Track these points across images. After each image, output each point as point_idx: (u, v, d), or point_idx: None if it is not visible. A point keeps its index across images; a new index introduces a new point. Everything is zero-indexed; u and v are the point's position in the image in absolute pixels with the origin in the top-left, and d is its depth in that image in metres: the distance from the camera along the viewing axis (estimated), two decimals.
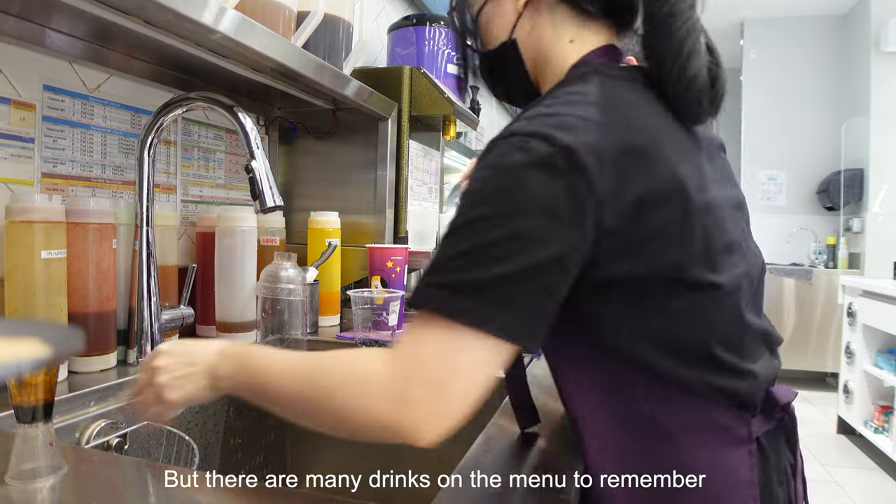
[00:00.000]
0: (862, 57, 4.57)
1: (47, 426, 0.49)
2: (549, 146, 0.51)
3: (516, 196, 0.51)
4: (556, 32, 0.65)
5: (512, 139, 0.53)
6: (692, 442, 0.57)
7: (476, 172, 0.54)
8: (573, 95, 0.57)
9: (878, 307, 3.13)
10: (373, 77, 1.43)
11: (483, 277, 0.49)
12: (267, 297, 1.03)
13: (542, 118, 0.54)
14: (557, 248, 0.51)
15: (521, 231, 0.50)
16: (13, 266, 0.76)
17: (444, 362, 0.50)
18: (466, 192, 0.53)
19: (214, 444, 1.00)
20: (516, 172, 0.51)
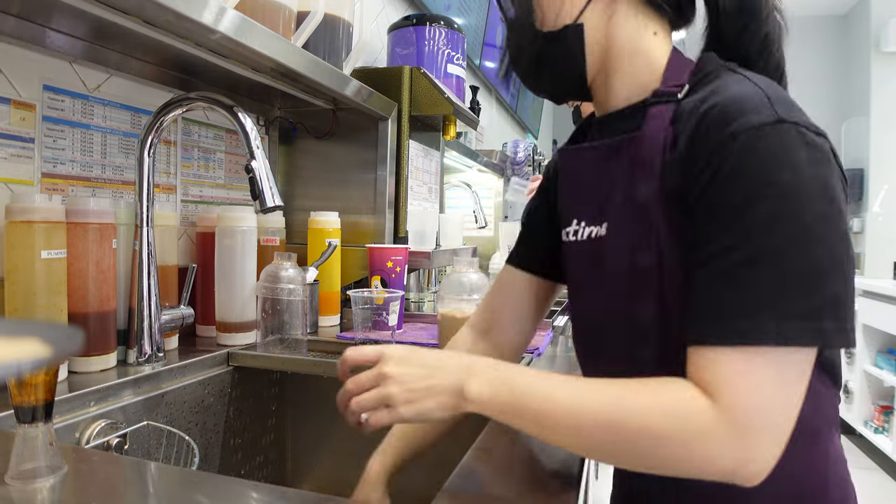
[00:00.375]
0: (862, 57, 4.57)
1: (47, 426, 0.49)
2: (823, 139, 0.50)
3: (831, 199, 0.48)
4: (640, 23, 0.61)
5: (784, 126, 0.48)
6: (831, 433, 0.58)
7: (748, 174, 0.48)
8: (761, 80, 0.53)
9: (878, 307, 3.13)
10: (373, 77, 1.43)
11: (835, 293, 0.46)
12: (267, 297, 1.03)
13: (785, 103, 0.50)
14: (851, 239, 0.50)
15: (844, 234, 0.48)
16: (13, 266, 0.76)
17: (783, 401, 0.47)
18: (756, 197, 0.47)
19: (214, 444, 1.00)
20: (817, 172, 0.48)
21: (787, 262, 0.46)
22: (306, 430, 1.16)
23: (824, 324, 0.46)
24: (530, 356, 1.03)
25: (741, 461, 0.46)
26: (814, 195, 0.47)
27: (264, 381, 1.12)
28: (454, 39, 1.67)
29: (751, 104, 0.50)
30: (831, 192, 0.48)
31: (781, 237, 0.46)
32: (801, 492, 0.56)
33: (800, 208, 0.47)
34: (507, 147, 3.28)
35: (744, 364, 0.46)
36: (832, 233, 0.47)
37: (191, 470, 0.77)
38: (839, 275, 0.47)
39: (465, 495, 0.51)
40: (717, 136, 0.50)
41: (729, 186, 0.49)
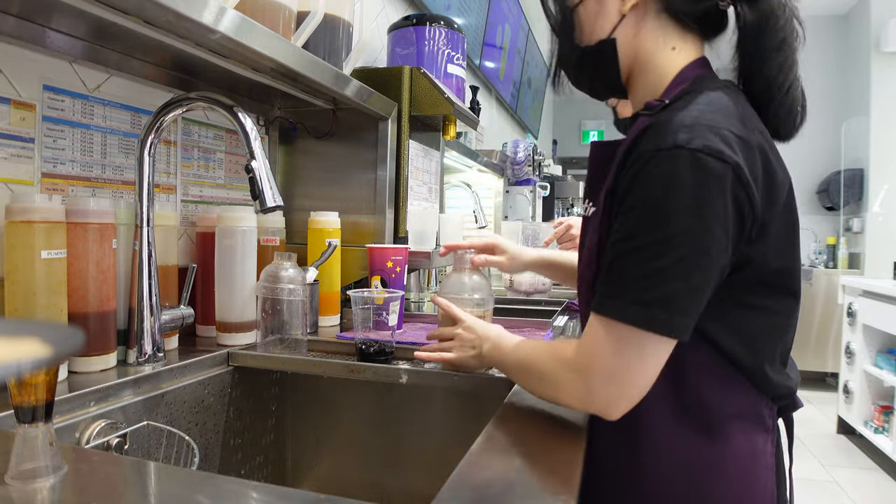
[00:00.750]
0: (862, 57, 4.57)
1: (47, 426, 0.49)
2: (722, 164, 0.58)
3: (701, 216, 0.58)
4: (660, 39, 0.70)
5: (680, 152, 0.58)
6: (735, 428, 0.68)
7: (643, 186, 0.60)
8: (712, 105, 0.63)
9: (878, 307, 3.13)
10: (373, 77, 1.43)
11: (673, 292, 0.59)
12: (267, 297, 1.03)
13: (700, 129, 0.59)
14: (724, 260, 0.61)
15: (705, 248, 0.58)
16: (13, 266, 0.76)
17: (619, 362, 0.61)
18: (641, 206, 0.60)
19: (214, 444, 1.00)
20: (697, 193, 0.58)
21: (644, 261, 0.59)
22: (306, 430, 1.16)
23: (653, 311, 0.59)
24: None
25: (584, 395, 0.64)
26: (683, 212, 0.58)
27: (264, 381, 1.12)
28: (454, 39, 1.67)
29: (665, 130, 0.61)
30: (704, 211, 0.58)
31: (646, 241, 0.59)
32: (689, 475, 0.67)
33: (666, 221, 0.58)
34: (507, 147, 3.28)
35: (599, 328, 0.63)
36: (691, 244, 0.58)
37: (191, 470, 0.77)
38: (681, 277, 0.58)
39: (465, 495, 0.51)
40: (634, 153, 0.62)
41: (627, 195, 0.62)
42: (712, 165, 0.58)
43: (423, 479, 1.09)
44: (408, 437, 1.10)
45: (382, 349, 1.02)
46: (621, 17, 0.69)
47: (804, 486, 2.88)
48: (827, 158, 4.83)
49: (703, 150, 0.58)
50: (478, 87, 2.58)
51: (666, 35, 0.70)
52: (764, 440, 0.69)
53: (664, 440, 0.69)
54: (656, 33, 0.70)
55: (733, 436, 0.68)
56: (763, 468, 0.69)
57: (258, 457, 1.10)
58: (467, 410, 1.05)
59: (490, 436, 0.65)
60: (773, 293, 0.67)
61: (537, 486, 0.54)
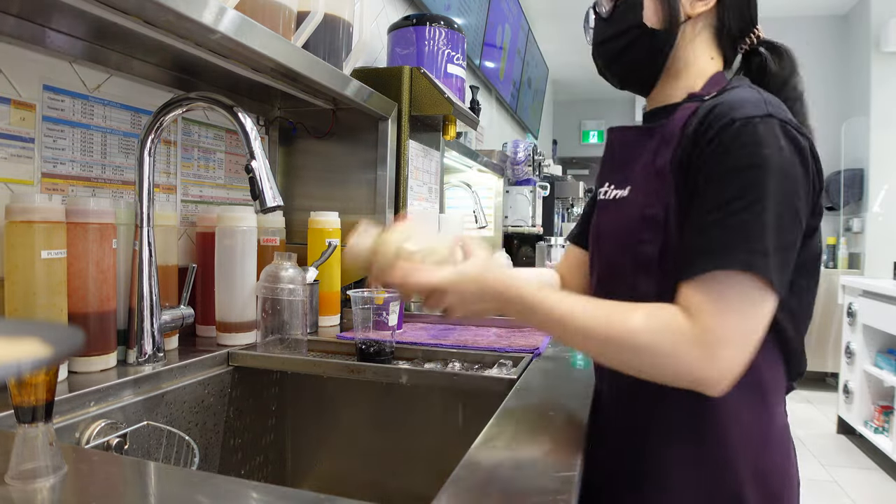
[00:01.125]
0: (862, 57, 4.57)
1: (47, 426, 0.49)
2: (804, 138, 0.65)
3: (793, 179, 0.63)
4: (706, 47, 0.79)
5: (772, 121, 0.64)
6: (775, 401, 0.72)
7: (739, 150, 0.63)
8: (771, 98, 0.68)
9: (878, 307, 3.13)
10: (373, 77, 1.43)
11: (776, 247, 0.61)
12: (267, 297, 1.03)
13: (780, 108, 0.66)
14: (802, 229, 0.65)
15: (797, 210, 0.63)
16: (13, 266, 0.76)
17: (744, 325, 0.60)
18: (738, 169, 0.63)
19: (214, 444, 1.00)
20: (790, 158, 0.63)
21: (749, 218, 0.61)
22: (306, 430, 1.16)
23: (769, 261, 0.60)
24: (530, 356, 1.03)
25: (702, 367, 0.60)
26: (778, 173, 0.62)
27: (264, 381, 1.12)
28: (454, 39, 1.67)
29: (749, 103, 0.66)
30: (795, 174, 0.63)
31: (747, 200, 0.61)
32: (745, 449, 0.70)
33: (766, 180, 0.61)
34: (507, 147, 3.28)
35: (712, 287, 0.61)
36: (787, 204, 0.62)
37: (191, 470, 0.77)
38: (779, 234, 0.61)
39: (465, 495, 0.51)
40: (719, 122, 0.65)
41: (719, 159, 0.64)
42: (798, 137, 0.64)
43: (423, 479, 1.09)
44: (408, 437, 1.10)
45: (382, 349, 1.02)
46: (686, 18, 0.77)
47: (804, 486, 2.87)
48: (827, 158, 4.79)
49: (790, 122, 0.65)
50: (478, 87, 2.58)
51: (709, 45, 0.79)
52: (786, 415, 0.75)
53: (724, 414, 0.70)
54: (705, 44, 0.79)
55: (775, 410, 0.72)
56: (790, 440, 0.75)
57: (258, 457, 1.10)
58: (467, 410, 1.05)
59: (490, 436, 0.65)
60: (812, 275, 0.72)
61: (537, 485, 0.54)
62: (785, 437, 0.74)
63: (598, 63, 0.85)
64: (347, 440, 1.14)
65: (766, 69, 0.78)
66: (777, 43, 0.79)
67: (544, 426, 0.70)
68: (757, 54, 0.80)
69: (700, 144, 0.66)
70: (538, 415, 0.74)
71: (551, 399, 0.80)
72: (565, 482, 0.55)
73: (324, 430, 1.15)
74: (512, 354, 1.04)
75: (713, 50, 0.79)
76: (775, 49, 0.79)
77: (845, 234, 4.74)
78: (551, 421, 0.72)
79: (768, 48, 0.79)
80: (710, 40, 0.79)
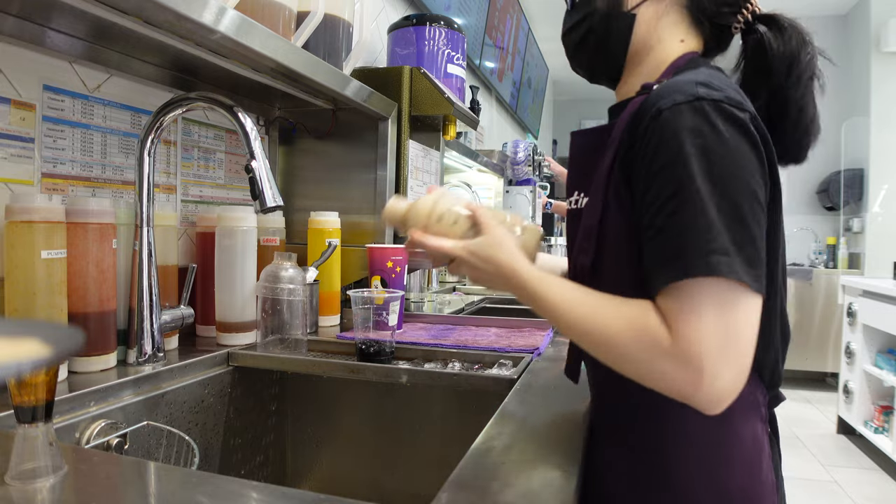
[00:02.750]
0: (862, 57, 4.57)
1: (47, 426, 0.49)
2: (744, 112, 0.58)
3: (742, 161, 0.57)
4: (674, 29, 0.71)
5: (703, 104, 0.57)
6: (737, 413, 0.63)
7: (671, 141, 0.57)
8: (714, 74, 0.63)
9: (878, 307, 3.13)
10: (373, 77, 1.43)
11: (741, 239, 0.54)
12: (267, 297, 1.03)
13: (715, 84, 0.59)
14: (763, 203, 0.58)
15: (754, 192, 0.56)
16: (13, 266, 0.76)
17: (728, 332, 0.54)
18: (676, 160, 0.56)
19: (214, 444, 1.00)
20: (732, 139, 0.57)
21: (700, 212, 0.55)
22: (306, 430, 1.16)
23: (733, 260, 0.54)
24: (530, 356, 1.03)
25: (694, 385, 0.54)
26: (724, 156, 0.56)
27: (264, 381, 1.12)
28: (454, 39, 1.67)
29: (678, 87, 0.59)
30: (737, 156, 0.57)
31: (683, 198, 0.55)
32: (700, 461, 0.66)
33: (702, 171, 0.55)
34: (507, 147, 3.28)
35: (684, 298, 0.55)
36: (743, 189, 0.56)
37: (191, 470, 0.77)
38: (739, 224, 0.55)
39: (465, 495, 0.51)
40: (647, 115, 0.60)
41: (654, 157, 0.58)
42: (738, 114, 0.58)
43: (423, 479, 1.09)
44: (408, 437, 1.10)
45: (382, 349, 1.02)
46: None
47: (804, 486, 2.88)
48: (827, 158, 4.83)
49: (726, 100, 0.58)
50: (478, 87, 2.58)
51: (679, 26, 0.71)
52: (762, 430, 0.68)
53: (675, 426, 0.66)
54: (674, 26, 0.71)
55: (736, 421, 0.66)
56: (766, 457, 0.68)
57: (258, 457, 1.10)
58: (467, 410, 1.05)
59: (490, 435, 0.65)
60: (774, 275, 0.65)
61: (537, 485, 0.54)
62: (754, 458, 0.67)
63: (566, 54, 0.80)
64: (347, 440, 1.14)
65: (765, 49, 0.68)
66: (777, 15, 0.70)
67: (544, 426, 0.70)
68: (753, 32, 0.70)
69: (634, 143, 0.61)
70: (538, 415, 0.74)
71: (551, 399, 0.80)
72: (565, 482, 0.55)
73: (324, 430, 1.15)
74: (512, 354, 1.04)
75: (685, 32, 0.71)
76: (774, 23, 0.69)
77: (845, 234, 4.74)
78: (551, 421, 0.72)
79: (766, 23, 0.69)
80: (679, 21, 0.71)
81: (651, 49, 0.71)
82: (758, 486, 0.67)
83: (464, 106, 1.63)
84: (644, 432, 0.69)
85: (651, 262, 0.58)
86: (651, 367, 0.56)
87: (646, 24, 0.71)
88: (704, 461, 0.66)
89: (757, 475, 0.67)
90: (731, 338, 0.54)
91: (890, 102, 4.39)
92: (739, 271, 0.53)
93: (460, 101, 1.64)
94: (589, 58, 0.76)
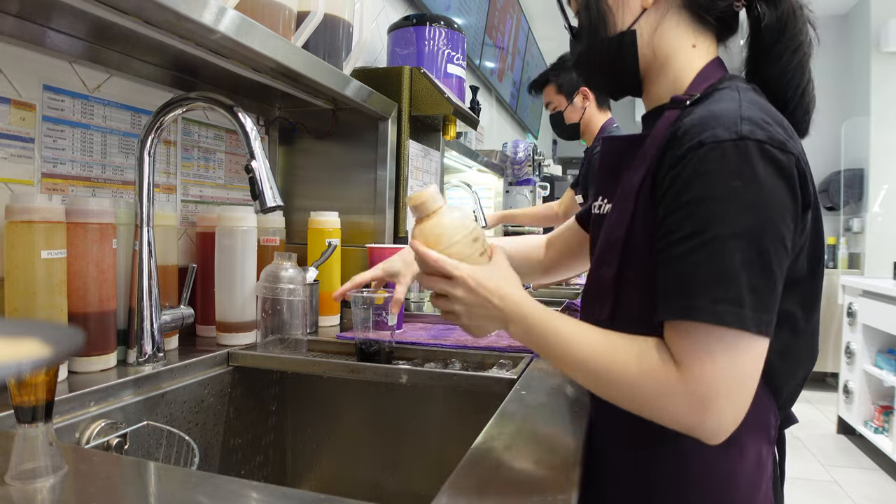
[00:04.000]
0: (862, 57, 4.57)
1: (47, 426, 0.49)
2: (787, 155, 0.57)
3: (774, 207, 0.56)
4: (681, 36, 0.70)
5: (747, 143, 0.56)
6: (746, 435, 0.64)
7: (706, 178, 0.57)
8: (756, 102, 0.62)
9: (878, 307, 3.13)
10: (373, 77, 1.43)
11: (759, 287, 0.55)
12: (267, 297, 1.03)
13: (760, 121, 0.58)
14: (789, 248, 0.58)
15: (782, 238, 0.57)
16: (13, 266, 0.76)
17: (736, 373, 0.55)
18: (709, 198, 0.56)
19: (214, 444, 1.00)
20: (770, 182, 0.56)
21: (722, 255, 0.55)
22: (306, 430, 1.16)
23: (744, 311, 0.54)
24: (530, 356, 1.03)
25: (698, 420, 0.56)
26: (758, 203, 0.56)
27: (264, 381, 1.12)
28: (454, 39, 1.67)
29: (721, 121, 0.58)
30: (777, 201, 0.56)
31: (721, 234, 0.55)
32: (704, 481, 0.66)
33: (742, 213, 0.55)
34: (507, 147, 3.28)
35: (693, 338, 0.56)
36: (770, 235, 0.56)
37: (191, 470, 0.77)
38: (763, 271, 0.56)
39: (465, 495, 0.51)
40: (686, 143, 0.59)
41: (685, 187, 0.58)
42: (780, 157, 0.57)
43: (423, 479, 1.09)
44: (408, 437, 1.10)
45: (382, 349, 1.02)
46: (643, 11, 0.70)
47: (804, 486, 2.88)
48: (827, 158, 4.83)
49: (769, 141, 0.57)
50: (478, 87, 2.58)
51: (686, 31, 0.70)
52: (767, 451, 0.68)
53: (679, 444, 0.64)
54: (677, 30, 0.70)
55: (745, 443, 0.66)
56: (766, 478, 0.69)
57: (258, 457, 1.10)
58: (467, 410, 1.05)
59: (490, 436, 0.65)
60: (809, 308, 0.66)
61: (537, 485, 0.54)
62: (756, 479, 0.67)
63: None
64: (347, 440, 1.14)
65: (759, 20, 0.68)
66: None
67: (544, 426, 0.70)
68: (750, 7, 0.69)
69: (666, 167, 0.61)
70: (538, 415, 0.74)
71: (551, 399, 0.80)
72: (565, 482, 0.55)
73: (324, 430, 1.15)
74: (512, 354, 1.04)
75: (692, 34, 0.70)
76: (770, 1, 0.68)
77: (845, 234, 4.74)
78: (551, 421, 0.72)
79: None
80: (682, 24, 0.70)
81: (666, 58, 0.71)
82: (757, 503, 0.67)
83: (464, 106, 1.63)
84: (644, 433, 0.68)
85: (661, 287, 0.60)
86: (658, 402, 0.57)
87: (648, 37, 0.70)
88: (706, 475, 0.66)
89: (755, 494, 0.67)
90: (738, 380, 0.56)
91: (890, 102, 4.39)
92: (748, 320, 0.54)
93: (460, 101, 1.64)
94: (605, 81, 0.78)
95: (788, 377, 0.67)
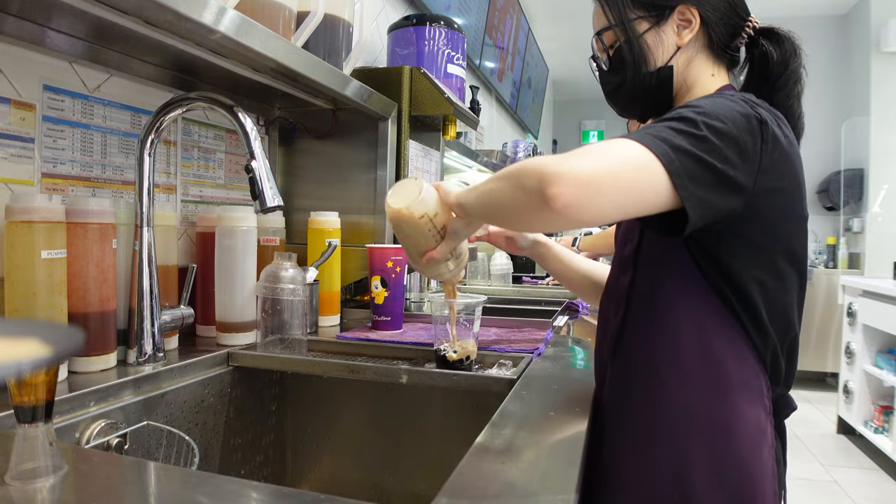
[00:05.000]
0: (862, 57, 4.57)
1: (47, 426, 0.49)
2: (752, 110, 0.69)
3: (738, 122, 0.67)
4: (704, 67, 0.84)
5: (732, 93, 0.74)
6: (742, 395, 0.72)
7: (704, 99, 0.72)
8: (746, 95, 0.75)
9: (878, 307, 3.13)
10: (373, 77, 1.43)
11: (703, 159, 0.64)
12: (267, 297, 1.03)
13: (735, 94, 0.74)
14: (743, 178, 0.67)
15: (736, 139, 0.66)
16: (13, 266, 0.76)
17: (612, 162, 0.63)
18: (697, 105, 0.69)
19: (214, 444, 1.00)
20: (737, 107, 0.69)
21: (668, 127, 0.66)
22: (306, 430, 1.16)
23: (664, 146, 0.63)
24: (530, 356, 1.03)
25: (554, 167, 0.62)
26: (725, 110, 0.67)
27: (264, 381, 1.12)
28: (454, 39, 1.67)
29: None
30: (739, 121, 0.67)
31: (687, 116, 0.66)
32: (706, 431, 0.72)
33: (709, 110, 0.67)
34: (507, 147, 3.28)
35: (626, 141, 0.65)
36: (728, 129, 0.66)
37: (191, 470, 0.77)
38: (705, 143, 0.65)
39: (465, 495, 0.51)
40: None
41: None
42: (747, 109, 0.69)
43: (423, 479, 1.09)
44: (408, 437, 1.10)
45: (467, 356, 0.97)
46: (677, 49, 0.82)
47: (804, 486, 2.88)
48: (827, 158, 4.83)
49: (741, 97, 0.71)
50: (478, 87, 2.58)
51: (706, 63, 0.84)
52: (766, 420, 0.74)
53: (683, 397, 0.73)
54: (702, 64, 0.84)
55: (741, 401, 0.72)
56: (767, 447, 0.73)
57: (258, 457, 1.10)
58: (467, 410, 1.05)
59: (490, 436, 0.65)
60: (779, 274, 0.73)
61: (537, 485, 0.54)
62: (756, 439, 0.72)
63: (614, 108, 0.91)
64: (347, 440, 1.14)
65: (768, 59, 0.81)
66: (775, 29, 0.83)
67: (544, 426, 0.70)
68: (756, 45, 0.83)
69: None
70: (538, 415, 0.74)
71: (551, 399, 0.80)
72: (565, 483, 0.55)
73: (324, 430, 1.15)
74: (512, 354, 1.04)
75: (711, 66, 0.84)
76: (774, 36, 0.82)
77: (845, 234, 4.74)
78: (551, 421, 0.72)
79: (766, 36, 0.82)
80: (705, 58, 0.84)
81: (692, 84, 0.84)
82: (757, 468, 0.71)
83: (464, 106, 1.63)
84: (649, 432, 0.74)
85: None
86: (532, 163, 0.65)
87: (682, 72, 0.83)
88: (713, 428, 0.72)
89: (757, 456, 0.71)
90: (606, 160, 0.63)
91: (890, 102, 4.39)
92: (658, 151, 0.62)
93: (460, 101, 1.64)
94: (642, 109, 0.89)
95: (762, 338, 0.73)
